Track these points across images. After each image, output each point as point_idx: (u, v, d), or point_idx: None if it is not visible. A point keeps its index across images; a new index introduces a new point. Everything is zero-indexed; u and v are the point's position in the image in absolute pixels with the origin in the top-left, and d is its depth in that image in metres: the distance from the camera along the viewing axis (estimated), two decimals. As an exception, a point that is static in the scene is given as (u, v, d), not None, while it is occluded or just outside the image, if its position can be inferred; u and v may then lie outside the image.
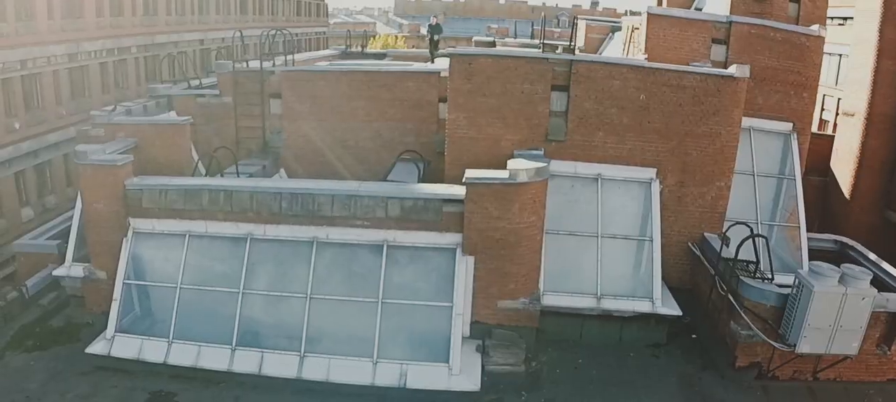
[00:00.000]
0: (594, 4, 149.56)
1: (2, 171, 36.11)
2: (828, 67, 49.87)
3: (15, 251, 26.63)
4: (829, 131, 45.41)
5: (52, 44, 39.69)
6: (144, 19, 50.44)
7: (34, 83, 38.82)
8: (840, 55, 46.92)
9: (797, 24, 28.47)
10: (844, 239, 26.47)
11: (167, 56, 40.01)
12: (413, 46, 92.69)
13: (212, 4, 61.87)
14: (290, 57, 30.09)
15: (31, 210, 38.38)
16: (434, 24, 37.96)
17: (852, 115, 40.28)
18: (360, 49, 42.68)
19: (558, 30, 78.36)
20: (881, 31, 37.57)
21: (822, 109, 49.70)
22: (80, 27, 42.25)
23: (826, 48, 48.34)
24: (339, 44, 64.30)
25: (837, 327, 17.53)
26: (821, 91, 49.47)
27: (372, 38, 66.27)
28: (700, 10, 35.58)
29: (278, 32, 30.74)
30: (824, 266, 17.75)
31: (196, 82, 29.47)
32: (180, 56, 52.93)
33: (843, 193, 39.70)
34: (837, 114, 44.27)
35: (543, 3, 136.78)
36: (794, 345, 17.80)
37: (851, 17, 43.47)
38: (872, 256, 24.26)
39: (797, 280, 17.87)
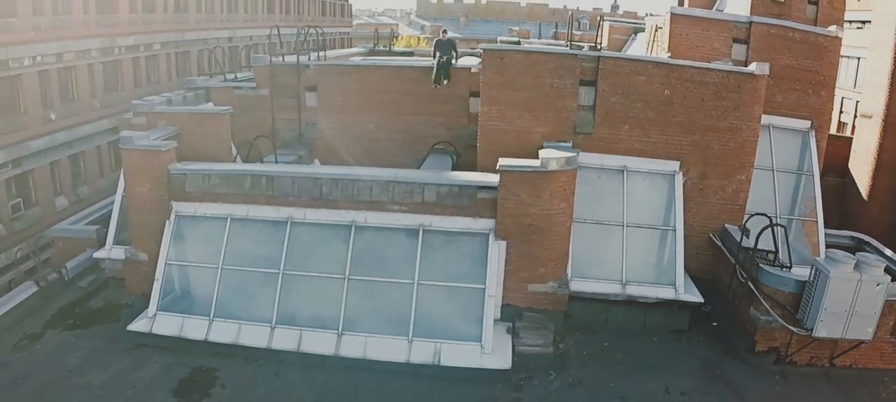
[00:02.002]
0: (614, 8, 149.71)
1: (37, 160, 37.07)
2: (847, 70, 50.10)
3: (53, 236, 27.30)
4: (848, 134, 45.57)
5: (87, 38, 40.69)
6: (175, 16, 51.44)
7: (69, 76, 39.80)
8: (859, 58, 47.16)
9: (815, 24, 29.03)
10: (860, 235, 27.34)
11: (212, 50, 40.81)
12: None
13: (240, 3, 62.90)
14: (321, 53, 30.96)
15: (65, 200, 39.35)
16: (445, 39, 27.71)
17: (870, 116, 40.54)
18: (386, 48, 43.54)
19: (579, 32, 79.00)
20: None
21: (841, 112, 50.27)
22: (113, 22, 43.25)
23: (845, 51, 48.73)
24: (361, 44, 65.17)
25: (852, 313, 18.10)
26: (840, 93, 49.86)
27: (395, 40, 67.15)
28: (721, 10, 36.21)
29: (312, 30, 31.58)
30: (840, 254, 18.38)
31: (231, 76, 30.38)
32: (212, 52, 54.07)
33: (860, 194, 39.88)
34: (856, 116, 44.35)
35: (564, 6, 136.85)
36: (812, 329, 18.40)
37: (870, 21, 43.60)
38: (888, 251, 24.98)
39: (814, 267, 18.52)
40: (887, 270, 18.82)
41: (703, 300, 21.52)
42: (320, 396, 18.06)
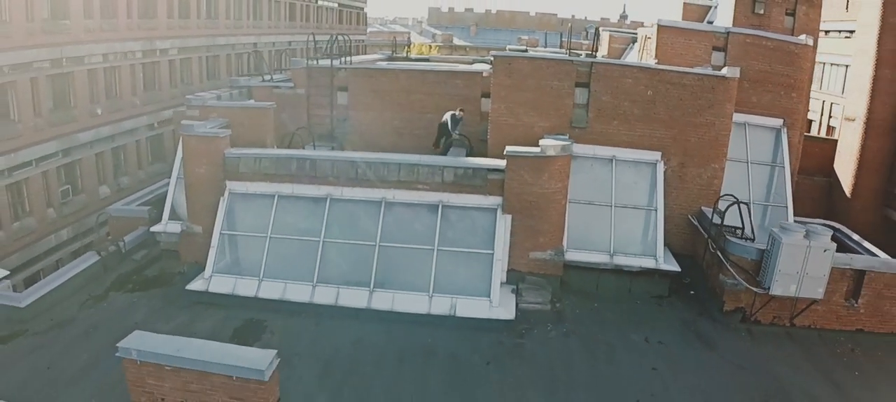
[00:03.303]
0: (623, 18, 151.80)
1: (85, 151, 40.54)
2: (835, 77, 52.11)
3: (108, 216, 30.45)
4: (836, 137, 47.02)
5: (131, 40, 44.19)
6: (207, 23, 54.88)
7: (114, 75, 43.25)
8: (846, 66, 48.85)
9: (793, 34, 32.06)
10: (833, 224, 30.09)
11: (250, 54, 44.01)
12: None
13: (264, 12, 66.17)
14: (347, 58, 34.38)
15: (108, 188, 42.81)
16: (458, 116, 29.09)
17: (853, 119, 42.99)
18: (404, 55, 46.97)
19: (586, 41, 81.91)
20: (880, 42, 40.45)
21: (830, 116, 52.28)
22: (153, 26, 46.79)
23: (833, 59, 51.85)
24: (374, 51, 68.29)
25: (804, 274, 21.37)
26: (828, 99, 52.62)
27: (407, 48, 70.30)
28: (712, 22, 39.53)
29: (340, 37, 35.06)
30: (793, 225, 21.85)
31: (268, 77, 33.97)
32: (250, 56, 57.71)
33: (845, 193, 42.28)
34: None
35: (572, 16, 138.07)
36: (769, 288, 21.79)
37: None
38: (856, 236, 28.15)
39: (771, 236, 21.91)
40: (851, 250, 22.17)
41: (680, 270, 24.80)
42: (355, 341, 21.27)
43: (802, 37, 29.92)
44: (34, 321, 22.54)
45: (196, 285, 24.21)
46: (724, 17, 36.18)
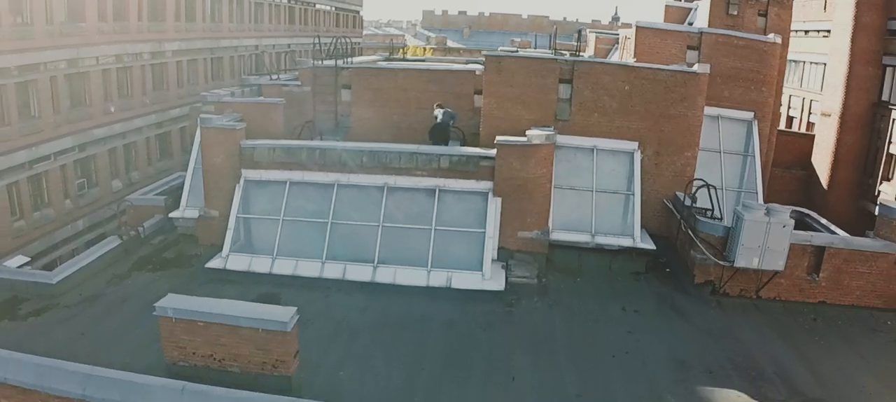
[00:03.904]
0: (615, 19, 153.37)
1: (99, 147, 43.00)
2: (814, 75, 53.96)
3: (127, 205, 32.14)
4: (815, 133, 49.41)
5: (141, 42, 46.62)
6: (211, 26, 57.23)
7: (125, 75, 45.59)
8: (824, 64, 50.51)
9: (765, 33, 34.28)
10: (804, 210, 31.93)
11: (258, 55, 46.10)
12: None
13: (265, 15, 68.48)
14: (349, 59, 36.49)
15: (120, 182, 45.28)
16: (452, 112, 30.74)
17: (829, 115, 45.26)
18: (401, 57, 49.25)
19: (577, 43, 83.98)
20: (853, 41, 42.96)
21: (810, 113, 54.20)
22: (161, 29, 49.21)
23: (812, 58, 54.27)
24: (370, 53, 70.35)
25: (766, 248, 23.57)
26: (808, 96, 54.65)
27: (403, 50, 72.38)
28: (692, 23, 41.84)
29: (341, 39, 37.24)
30: (755, 204, 24.21)
31: (276, 76, 36.32)
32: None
33: (822, 185, 44.49)
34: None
35: (564, 18, 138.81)
36: (734, 261, 24.05)
37: (833, 30, 47.79)
38: (824, 221, 29.99)
39: (735, 213, 24.22)
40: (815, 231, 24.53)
41: (655, 248, 27.10)
42: (362, 309, 23.49)
43: (771, 36, 32.21)
44: (65, 297, 24.42)
45: (214, 263, 26.29)
46: (702, 18, 38.33)
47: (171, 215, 30.01)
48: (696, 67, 28.13)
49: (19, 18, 36.11)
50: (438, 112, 30.17)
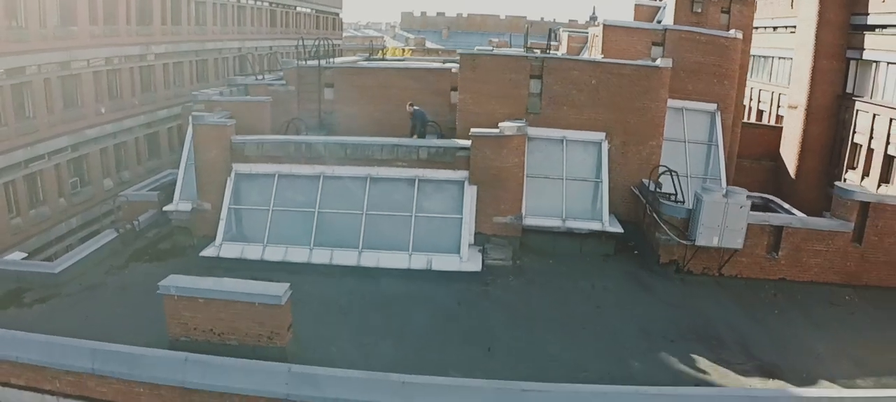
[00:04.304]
0: (592, 19, 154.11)
1: (91, 147, 44.40)
2: (782, 70, 55.82)
3: (122, 201, 33.40)
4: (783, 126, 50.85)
5: (129, 45, 48.00)
6: (197, 29, 58.70)
7: (115, 77, 46.96)
8: (791, 58, 51.78)
9: (728, 29, 35.81)
10: (767, 195, 34.12)
11: (244, 57, 47.37)
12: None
13: (248, 18, 69.99)
14: (332, 59, 38.07)
15: (111, 181, 46.68)
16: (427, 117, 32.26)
17: (796, 107, 46.70)
18: (381, 56, 50.75)
19: (555, 42, 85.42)
20: (817, 35, 44.44)
21: (778, 106, 56.04)
22: (149, 33, 50.69)
23: (780, 53, 55.89)
24: (350, 54, 71.46)
25: (725, 227, 25.26)
26: (777, 90, 56.29)
27: (382, 51, 73.80)
28: (661, 21, 43.39)
29: (323, 41, 38.86)
30: (715, 186, 26.14)
31: (261, 76, 37.88)
32: (244, 58, 61.53)
33: (790, 175, 46.02)
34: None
35: (542, 18, 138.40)
36: (695, 240, 25.79)
37: (799, 26, 49.40)
38: (786, 205, 31.99)
39: (696, 195, 25.98)
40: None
41: (623, 231, 28.72)
42: (348, 291, 24.95)
43: (733, 31, 33.90)
44: (67, 286, 25.70)
45: (208, 251, 27.66)
46: (669, 16, 39.65)
47: (165, 208, 31.11)
48: (658, 62, 29.71)
49: (14, 22, 37.48)
50: (411, 110, 31.80)
